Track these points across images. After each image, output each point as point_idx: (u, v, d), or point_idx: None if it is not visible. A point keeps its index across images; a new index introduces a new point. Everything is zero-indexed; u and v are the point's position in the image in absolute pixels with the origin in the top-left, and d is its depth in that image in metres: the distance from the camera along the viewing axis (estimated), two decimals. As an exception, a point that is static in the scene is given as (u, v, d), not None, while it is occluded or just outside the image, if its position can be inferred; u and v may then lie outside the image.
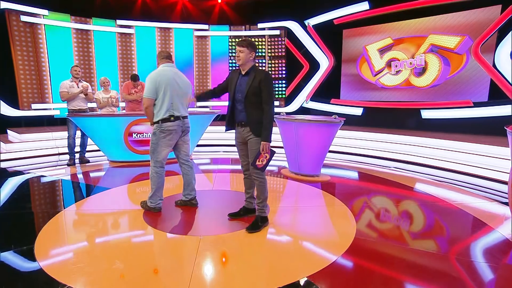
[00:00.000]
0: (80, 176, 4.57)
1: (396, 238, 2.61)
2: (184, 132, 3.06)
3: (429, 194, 3.76)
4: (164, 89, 2.84)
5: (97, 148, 5.70)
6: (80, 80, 5.28)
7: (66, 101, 5.20)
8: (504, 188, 3.95)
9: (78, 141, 5.43)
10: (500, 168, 4.43)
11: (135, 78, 5.87)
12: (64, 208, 3.16)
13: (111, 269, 2.05)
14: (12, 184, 4.12)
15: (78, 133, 5.34)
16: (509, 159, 2.70)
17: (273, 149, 2.61)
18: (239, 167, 2.92)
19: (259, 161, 2.59)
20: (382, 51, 7.58)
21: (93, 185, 4.10)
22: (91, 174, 4.70)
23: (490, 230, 2.74)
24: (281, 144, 4.66)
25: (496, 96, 5.91)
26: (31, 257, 2.20)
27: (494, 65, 5.85)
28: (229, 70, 9.24)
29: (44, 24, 7.56)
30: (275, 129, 4.63)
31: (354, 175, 4.82)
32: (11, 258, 2.21)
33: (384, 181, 4.30)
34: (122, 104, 6.95)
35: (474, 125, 6.14)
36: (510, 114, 5.66)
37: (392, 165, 5.50)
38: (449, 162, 5.11)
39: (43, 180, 4.29)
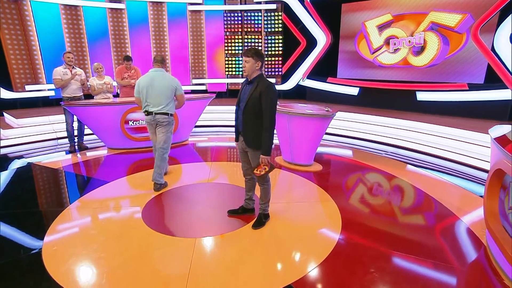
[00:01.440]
0: (80, 166, 4.69)
1: (379, 228, 2.81)
2: (157, 125, 3.65)
3: (413, 184, 3.93)
4: (141, 90, 3.58)
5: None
6: (73, 67, 5.23)
7: (60, 89, 5.19)
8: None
9: (76, 125, 5.49)
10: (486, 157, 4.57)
11: (128, 58, 5.77)
12: (69, 204, 3.33)
13: (110, 274, 2.25)
14: (14, 177, 4.25)
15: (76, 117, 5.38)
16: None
17: (273, 164, 2.70)
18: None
19: (257, 171, 2.68)
20: (381, 27, 7.38)
21: (92, 178, 4.22)
22: (90, 164, 4.80)
23: (456, 220, 2.95)
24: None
25: (492, 78, 5.89)
26: (39, 261, 2.39)
27: (493, 48, 5.75)
28: (225, 46, 9.01)
29: (29, 0, 7.24)
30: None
31: (345, 162, 4.95)
32: (19, 263, 2.40)
33: (373, 170, 4.46)
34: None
35: (469, 108, 6.20)
36: (504, 98, 5.70)
37: (384, 149, 5.65)
38: (440, 150, 5.25)
39: (45, 172, 4.42)
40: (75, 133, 5.53)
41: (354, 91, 7.79)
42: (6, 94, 7.19)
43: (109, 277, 2.23)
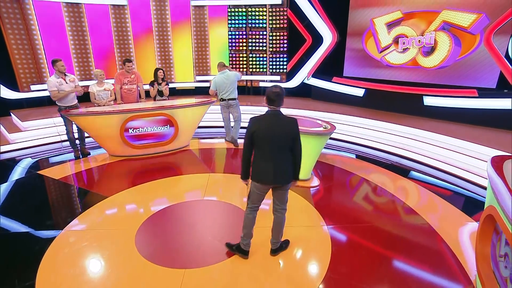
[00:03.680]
0: (78, 177, 4.75)
1: (367, 259, 2.80)
2: (229, 107, 5.81)
3: (409, 206, 3.86)
4: (217, 85, 5.68)
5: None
6: (65, 74, 5.15)
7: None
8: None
9: (75, 128, 5.48)
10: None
11: (128, 61, 5.70)
12: (64, 227, 3.41)
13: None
14: (14, 188, 4.38)
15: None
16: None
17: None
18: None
19: None
20: (390, 25, 7.05)
21: (90, 191, 4.26)
22: (91, 174, 4.87)
23: (448, 252, 2.90)
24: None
25: (505, 84, 5.60)
26: (34, 293, 2.48)
27: (507, 53, 5.44)
28: (228, 42, 8.82)
29: (31, -1, 7.20)
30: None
31: (344, 174, 4.87)
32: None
33: (370, 186, 4.40)
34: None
35: (479, 116, 5.94)
36: (515, 108, 5.44)
37: (386, 157, 5.54)
38: (443, 163, 5.10)
39: (46, 184, 4.52)
40: (76, 136, 5.56)
41: (360, 92, 7.58)
42: (12, 95, 7.29)
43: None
